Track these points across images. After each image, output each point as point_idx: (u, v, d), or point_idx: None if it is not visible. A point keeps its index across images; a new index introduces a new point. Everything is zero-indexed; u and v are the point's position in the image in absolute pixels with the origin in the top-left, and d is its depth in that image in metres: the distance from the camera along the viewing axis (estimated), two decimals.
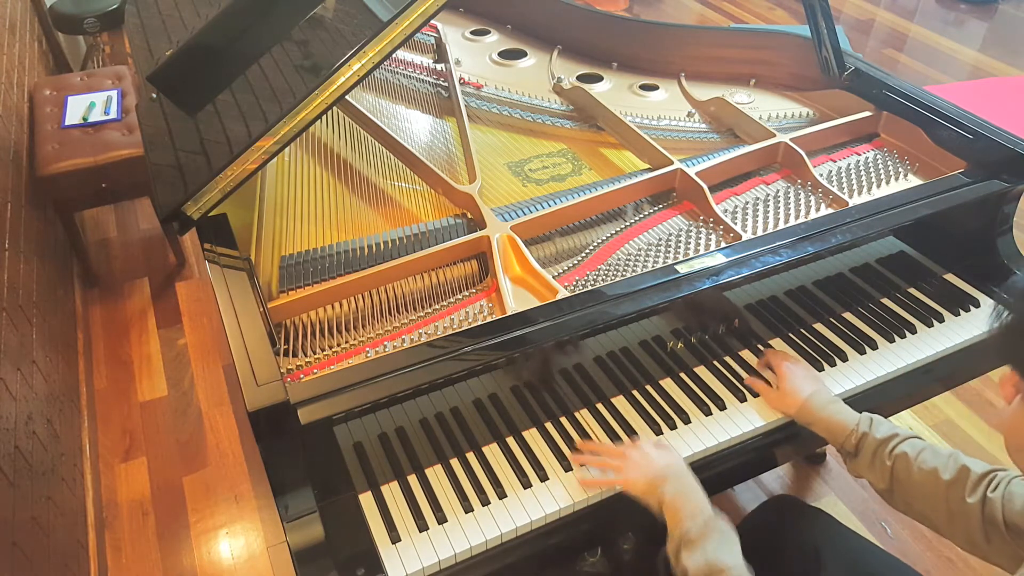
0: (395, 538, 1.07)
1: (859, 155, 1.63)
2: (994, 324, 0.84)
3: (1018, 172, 1.42)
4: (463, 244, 1.33)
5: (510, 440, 1.21)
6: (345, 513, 1.10)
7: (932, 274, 1.52)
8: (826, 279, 1.43)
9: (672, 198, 1.51)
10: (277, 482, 1.05)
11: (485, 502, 1.12)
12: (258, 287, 1.18)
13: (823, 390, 1.23)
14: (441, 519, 1.10)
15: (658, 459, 1.11)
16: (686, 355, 1.33)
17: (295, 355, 1.17)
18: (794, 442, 1.28)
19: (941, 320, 1.43)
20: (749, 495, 2.00)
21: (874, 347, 1.38)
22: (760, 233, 1.39)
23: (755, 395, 1.29)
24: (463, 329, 1.14)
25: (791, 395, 1.22)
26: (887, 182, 1.55)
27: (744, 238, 1.34)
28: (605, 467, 1.15)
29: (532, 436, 1.22)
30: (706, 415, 1.26)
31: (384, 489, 1.13)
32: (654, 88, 1.88)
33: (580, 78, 1.91)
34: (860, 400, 1.31)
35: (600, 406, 1.26)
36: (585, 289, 1.23)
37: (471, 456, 1.18)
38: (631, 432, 1.22)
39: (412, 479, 1.15)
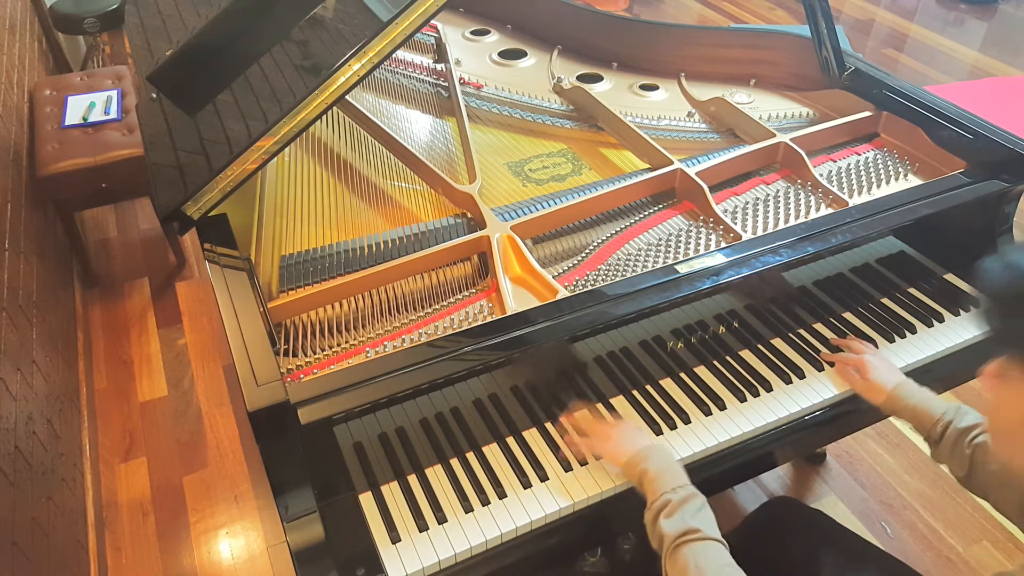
0: (395, 538, 1.07)
1: (859, 155, 1.63)
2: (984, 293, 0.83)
3: (1018, 172, 1.42)
4: (463, 244, 1.33)
5: (510, 440, 1.21)
6: (345, 513, 1.10)
7: (932, 274, 1.52)
8: (826, 279, 1.43)
9: (672, 198, 1.52)
10: (277, 482, 1.05)
11: (485, 502, 1.12)
12: (258, 287, 1.18)
13: (907, 381, 1.27)
14: (441, 519, 1.10)
15: (642, 435, 1.17)
16: (686, 355, 1.33)
17: (295, 355, 1.17)
18: (794, 443, 1.29)
19: (941, 320, 1.43)
20: (749, 495, 2.00)
21: (874, 347, 1.38)
22: (760, 233, 1.39)
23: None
24: (463, 329, 1.14)
25: (879, 386, 1.26)
26: (887, 182, 1.55)
27: (744, 238, 1.34)
28: (586, 441, 1.18)
29: (532, 436, 1.22)
30: (706, 415, 1.26)
31: (384, 489, 1.13)
32: (654, 88, 1.88)
33: (580, 78, 1.91)
34: (861, 400, 1.31)
35: (600, 406, 1.26)
36: (585, 289, 1.23)
37: (471, 456, 1.18)
38: None
39: (412, 479, 1.15)
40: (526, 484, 1.15)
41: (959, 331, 1.41)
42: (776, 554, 1.28)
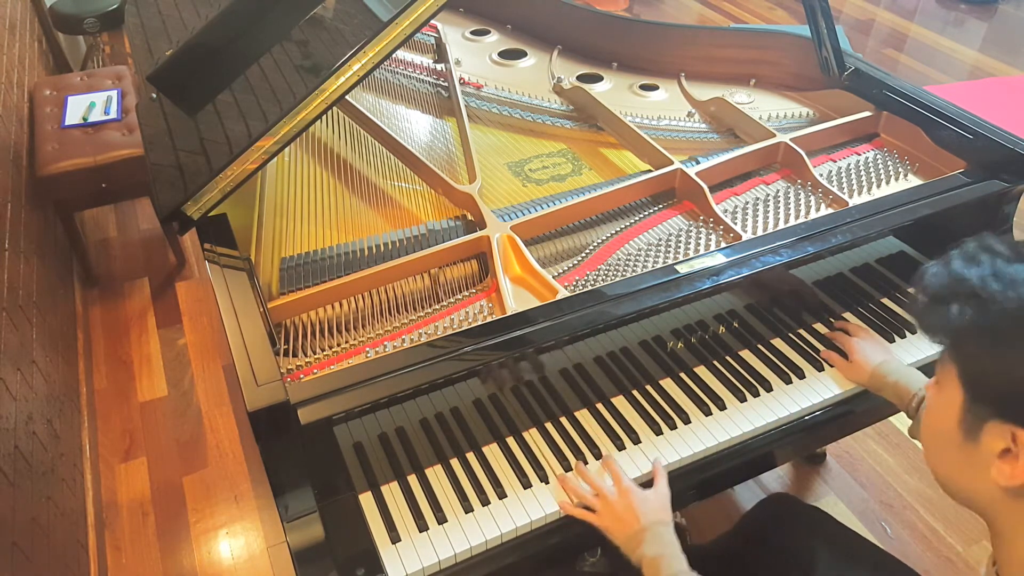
0: (395, 538, 1.07)
1: (859, 155, 1.63)
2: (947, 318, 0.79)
3: (1018, 172, 1.42)
4: (463, 244, 1.33)
5: (510, 440, 1.21)
6: (345, 513, 1.10)
7: None
8: (826, 279, 1.43)
9: (672, 198, 1.52)
10: (277, 482, 1.05)
11: (485, 502, 1.12)
12: (258, 287, 1.18)
13: (893, 359, 1.27)
14: (441, 519, 1.10)
15: (640, 514, 1.08)
16: (686, 355, 1.33)
17: (295, 355, 1.17)
18: (794, 443, 1.28)
19: None
20: (749, 495, 2.00)
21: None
22: (760, 233, 1.39)
23: (817, 370, 1.32)
24: (463, 329, 1.14)
25: (862, 364, 1.27)
26: (887, 182, 1.55)
27: (744, 238, 1.34)
28: (585, 501, 1.12)
29: (532, 436, 1.22)
30: (706, 415, 1.26)
31: (384, 489, 1.13)
32: (654, 88, 1.88)
33: (580, 78, 1.91)
34: (861, 400, 1.31)
35: (600, 406, 1.26)
36: (585, 289, 1.23)
37: (471, 456, 1.18)
38: (631, 432, 1.22)
39: (412, 479, 1.15)
40: (526, 484, 1.15)
41: None
42: (773, 550, 1.28)
